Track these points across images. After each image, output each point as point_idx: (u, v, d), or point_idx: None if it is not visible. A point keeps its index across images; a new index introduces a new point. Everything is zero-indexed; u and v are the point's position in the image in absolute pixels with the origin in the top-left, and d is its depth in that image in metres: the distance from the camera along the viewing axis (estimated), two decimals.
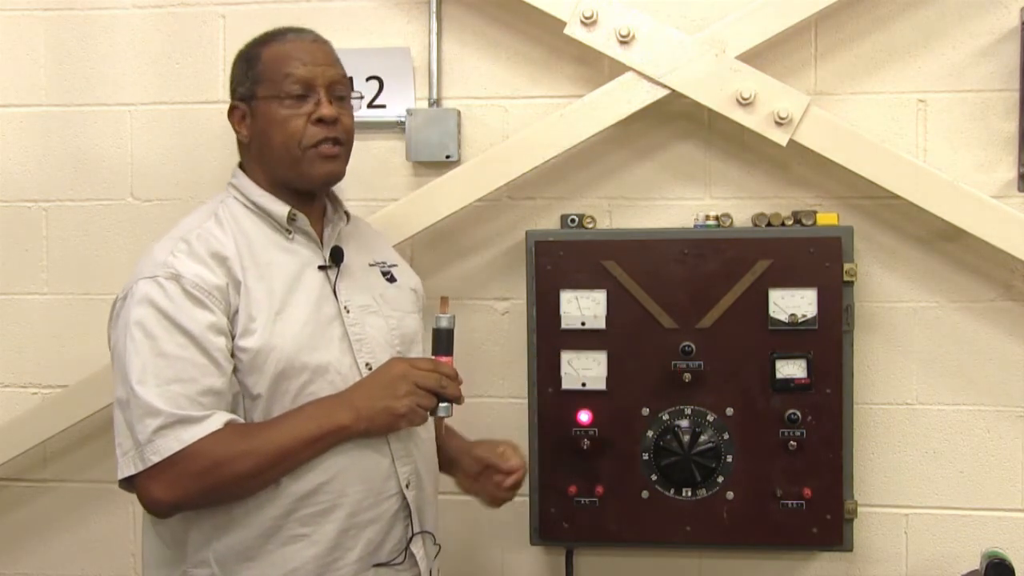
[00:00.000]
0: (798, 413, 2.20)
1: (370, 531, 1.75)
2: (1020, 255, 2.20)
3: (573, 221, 2.33)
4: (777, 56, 2.33)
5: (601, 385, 2.26)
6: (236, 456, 1.62)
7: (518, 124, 2.41)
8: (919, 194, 2.22)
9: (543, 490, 2.28)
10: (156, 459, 1.59)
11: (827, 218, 2.25)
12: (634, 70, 2.27)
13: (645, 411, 2.25)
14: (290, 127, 1.76)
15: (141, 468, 1.60)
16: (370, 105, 2.39)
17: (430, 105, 2.42)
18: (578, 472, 2.26)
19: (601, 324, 2.25)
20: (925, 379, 2.34)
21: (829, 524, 2.21)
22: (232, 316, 1.68)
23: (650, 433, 2.24)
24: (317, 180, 1.80)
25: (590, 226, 2.33)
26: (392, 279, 1.95)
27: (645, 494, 2.25)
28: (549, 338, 2.26)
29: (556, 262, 2.26)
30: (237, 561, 1.69)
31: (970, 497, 2.34)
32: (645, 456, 2.24)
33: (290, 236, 1.80)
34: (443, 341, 1.78)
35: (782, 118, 2.22)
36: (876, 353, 2.34)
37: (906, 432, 2.35)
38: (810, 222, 2.24)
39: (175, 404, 1.60)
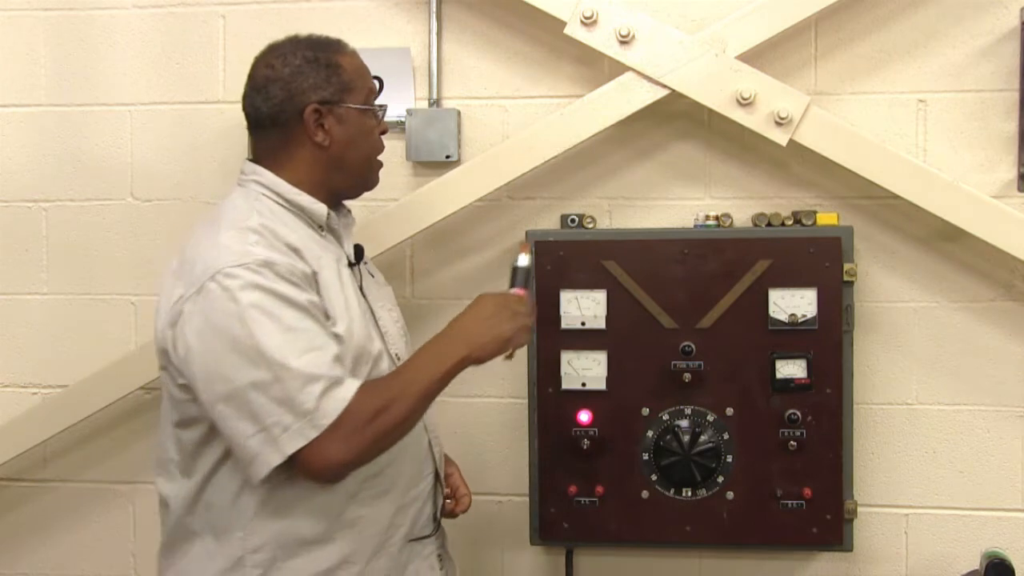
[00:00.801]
0: (798, 413, 2.21)
1: (413, 509, 1.83)
2: (1020, 255, 2.20)
3: (573, 221, 2.33)
4: (777, 56, 2.33)
5: (601, 385, 2.26)
6: (390, 404, 1.64)
7: (518, 124, 2.41)
8: (919, 194, 2.22)
9: (543, 490, 2.28)
10: (327, 422, 1.59)
11: (827, 218, 2.25)
12: (634, 70, 2.27)
13: (645, 411, 2.25)
14: (374, 137, 1.85)
15: (314, 436, 1.58)
16: None
17: (430, 105, 2.42)
18: (578, 472, 2.26)
19: (601, 324, 2.25)
20: (925, 379, 2.34)
21: (829, 524, 2.21)
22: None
23: (650, 433, 2.24)
24: (373, 185, 1.90)
25: (590, 226, 2.33)
26: (372, 274, 1.97)
27: (645, 494, 2.25)
28: (549, 338, 2.26)
29: (556, 262, 2.26)
30: (298, 545, 1.71)
31: (970, 497, 2.34)
32: (645, 456, 2.24)
33: (323, 234, 1.82)
34: (521, 278, 1.87)
35: (782, 118, 2.22)
36: (876, 353, 2.34)
37: (906, 432, 2.35)
38: (810, 222, 2.24)
39: (326, 368, 1.61)
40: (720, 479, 2.23)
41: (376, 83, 1.87)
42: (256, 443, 1.60)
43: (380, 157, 1.89)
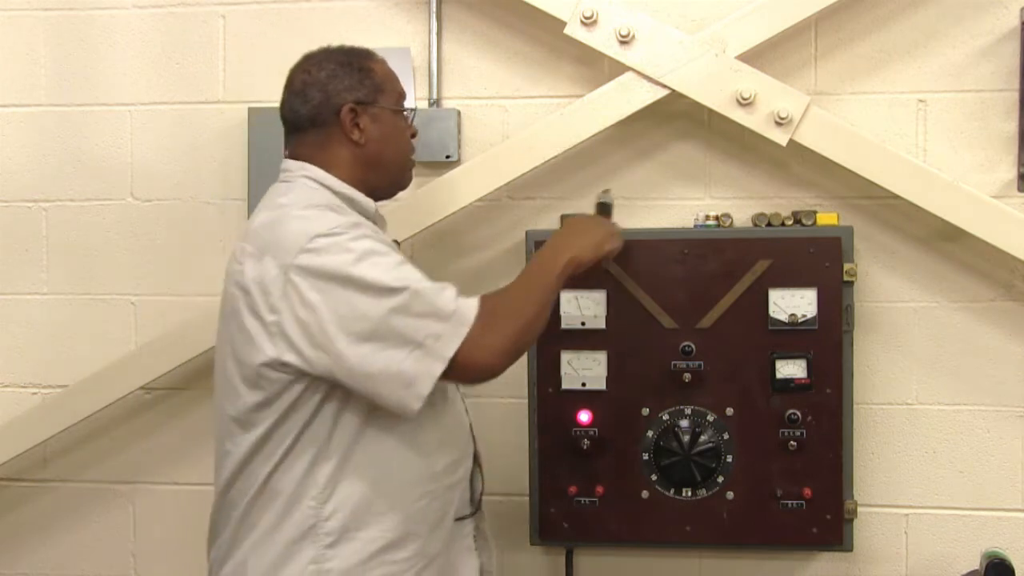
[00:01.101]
0: (798, 413, 2.21)
1: (460, 488, 1.89)
2: (1020, 255, 2.20)
3: None
4: (777, 56, 2.33)
5: (601, 385, 2.26)
6: (520, 304, 1.79)
7: (518, 124, 2.41)
8: (919, 194, 2.22)
9: (543, 490, 2.28)
10: (472, 315, 1.69)
11: (827, 218, 2.25)
12: (634, 70, 2.27)
13: (645, 411, 2.25)
14: (405, 138, 1.95)
15: (466, 332, 1.67)
16: None
17: (430, 105, 2.42)
18: (578, 472, 2.26)
19: (601, 324, 2.25)
20: (925, 379, 2.34)
21: (829, 524, 2.21)
22: None
23: (650, 433, 2.24)
24: (406, 185, 1.99)
25: None
26: None
27: (645, 494, 2.25)
28: (549, 338, 2.25)
29: None
30: (369, 515, 1.76)
31: (970, 497, 2.34)
32: (645, 456, 2.24)
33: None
34: (607, 212, 2.11)
35: (782, 118, 2.22)
36: (876, 353, 2.34)
37: (906, 432, 2.35)
38: (810, 222, 2.24)
39: (446, 284, 1.73)
40: (720, 479, 2.23)
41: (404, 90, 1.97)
42: (412, 363, 1.67)
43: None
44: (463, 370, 1.70)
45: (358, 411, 1.74)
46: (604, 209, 2.11)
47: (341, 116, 1.85)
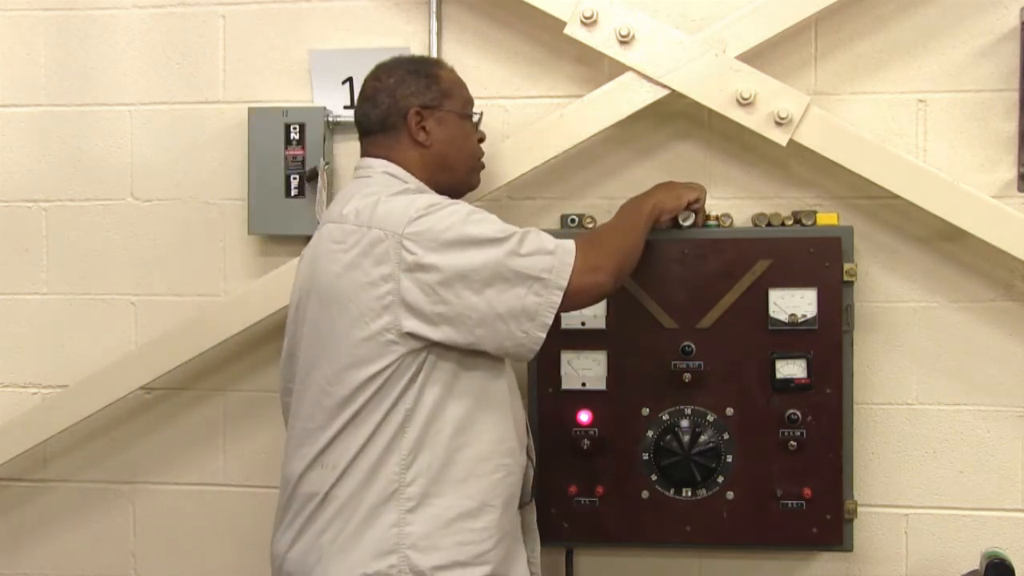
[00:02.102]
0: (798, 413, 2.20)
1: (519, 475, 1.97)
2: (1020, 255, 2.20)
3: (573, 221, 2.33)
4: (777, 56, 2.33)
5: (601, 385, 2.26)
6: (614, 233, 2.00)
7: (518, 124, 2.41)
8: (919, 194, 2.22)
9: (543, 490, 2.28)
10: (572, 244, 1.86)
11: (827, 218, 2.25)
12: (634, 70, 2.27)
13: (645, 411, 2.25)
14: (472, 141, 2.09)
15: (571, 260, 1.84)
16: None
17: None
18: (578, 472, 2.26)
19: (601, 324, 2.25)
20: (925, 379, 2.34)
21: (829, 524, 2.21)
22: None
23: (650, 433, 2.24)
24: (475, 186, 2.13)
25: (590, 226, 2.33)
26: None
27: (645, 494, 2.25)
28: (549, 338, 2.24)
29: None
30: (448, 484, 1.84)
31: (970, 497, 2.34)
32: (645, 456, 2.24)
33: None
34: None
35: (782, 118, 2.22)
36: (876, 353, 2.34)
37: (906, 432, 2.35)
38: (810, 222, 2.24)
39: None
40: (720, 479, 2.23)
41: (472, 100, 2.10)
42: (534, 297, 1.82)
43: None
44: (578, 295, 1.85)
45: (442, 380, 1.84)
46: None
47: (407, 119, 1.97)
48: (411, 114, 1.97)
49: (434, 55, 2.41)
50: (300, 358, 1.92)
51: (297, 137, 2.42)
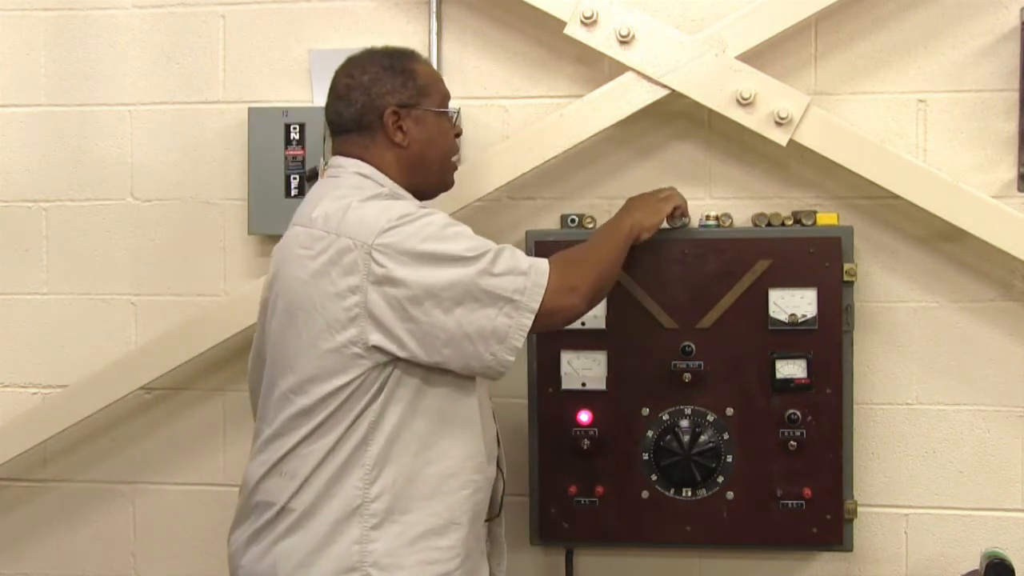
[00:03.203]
0: (798, 413, 2.21)
1: (487, 490, 1.94)
2: (1020, 255, 2.20)
3: (573, 221, 2.33)
4: (777, 56, 2.33)
5: (601, 385, 2.26)
6: (590, 253, 1.95)
7: (518, 124, 2.41)
8: (919, 194, 2.22)
9: (543, 490, 2.28)
10: (546, 265, 1.82)
11: (827, 218, 2.25)
12: (634, 70, 2.27)
13: (645, 411, 2.25)
14: (450, 139, 2.00)
15: (545, 280, 1.79)
16: None
17: None
18: (578, 472, 2.26)
19: (601, 324, 2.25)
20: (925, 379, 2.34)
21: (829, 524, 2.21)
22: None
23: (650, 433, 2.24)
24: (449, 187, 2.04)
25: (590, 226, 2.33)
26: None
27: (645, 494, 2.25)
28: (549, 338, 2.25)
29: None
30: (413, 499, 1.80)
31: (970, 497, 2.34)
32: (645, 456, 2.24)
33: None
34: None
35: (782, 118, 2.22)
36: (876, 353, 2.34)
37: (906, 432, 2.35)
38: (810, 222, 2.24)
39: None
40: (720, 479, 2.23)
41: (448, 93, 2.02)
42: (504, 319, 1.77)
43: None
44: (550, 315, 1.81)
45: (406, 397, 1.79)
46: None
47: (384, 119, 1.90)
48: (388, 114, 1.89)
49: (434, 55, 2.41)
50: (266, 361, 1.88)
51: (297, 137, 2.42)
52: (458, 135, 2.05)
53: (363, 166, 1.90)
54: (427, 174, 1.95)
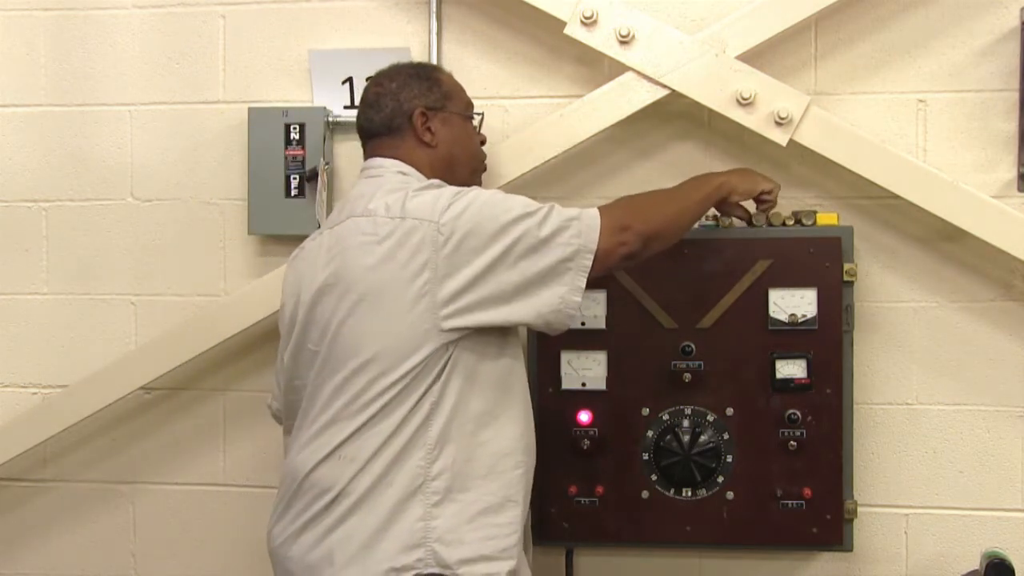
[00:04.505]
0: (798, 413, 2.20)
1: (532, 473, 1.97)
2: (1020, 255, 2.20)
3: None
4: (777, 56, 2.33)
5: (601, 385, 2.26)
6: (658, 203, 2.00)
7: (518, 124, 2.41)
8: (919, 194, 2.22)
9: (543, 490, 2.28)
10: (595, 211, 1.88)
11: (827, 218, 2.25)
12: (634, 70, 2.27)
13: (645, 411, 2.25)
14: (475, 142, 2.11)
15: (595, 224, 1.85)
16: None
17: None
18: (578, 472, 2.26)
19: (601, 324, 2.25)
20: (925, 379, 2.34)
21: (829, 524, 2.21)
22: None
23: (650, 433, 2.24)
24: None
25: None
26: None
27: (645, 494, 2.25)
28: (549, 338, 2.25)
29: None
30: (471, 478, 1.85)
31: (970, 497, 2.34)
32: (645, 456, 2.24)
33: None
34: None
35: (782, 118, 2.22)
36: (876, 353, 2.34)
37: (906, 432, 2.35)
38: (810, 222, 2.24)
39: None
40: (720, 479, 2.23)
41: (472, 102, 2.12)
42: (566, 263, 1.84)
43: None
44: (606, 256, 1.86)
45: (465, 373, 1.84)
46: None
47: (413, 119, 1.98)
48: (417, 115, 1.98)
49: (434, 55, 2.41)
50: (316, 352, 1.89)
51: (297, 137, 2.42)
52: (483, 142, 2.13)
53: (403, 165, 1.98)
54: (455, 174, 2.01)
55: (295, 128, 2.42)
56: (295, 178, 2.42)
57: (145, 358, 2.43)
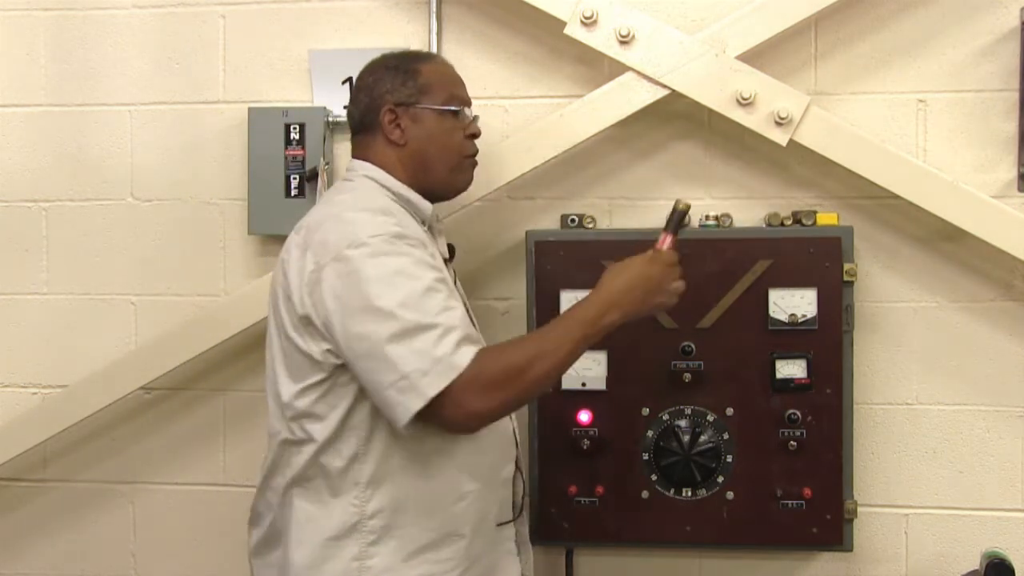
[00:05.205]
0: (798, 413, 2.20)
1: (501, 492, 1.92)
2: (1020, 255, 2.20)
3: (573, 221, 2.33)
4: (777, 56, 2.33)
5: (601, 385, 2.26)
6: (535, 358, 1.71)
7: (518, 124, 2.41)
8: (919, 194, 2.22)
9: (543, 490, 2.28)
10: (464, 362, 1.65)
11: (827, 218, 2.25)
12: (634, 70, 2.27)
13: (645, 411, 2.25)
14: (454, 138, 1.96)
15: (453, 376, 1.65)
16: None
17: None
18: (578, 472, 2.26)
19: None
20: (925, 379, 2.34)
21: (829, 524, 2.21)
22: None
23: (650, 433, 2.24)
24: (462, 187, 2.00)
25: (590, 226, 2.33)
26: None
27: (645, 494, 2.25)
28: None
29: (556, 262, 2.26)
30: (411, 514, 1.79)
31: (970, 497, 2.34)
32: (645, 456, 2.24)
33: (425, 228, 1.92)
34: (679, 222, 1.89)
35: (782, 118, 2.22)
36: (876, 353, 2.34)
37: (906, 432, 2.35)
38: (810, 222, 2.24)
39: (460, 323, 1.70)
40: (720, 479, 2.23)
41: (464, 92, 2.01)
42: (396, 392, 1.67)
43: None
44: (439, 418, 1.68)
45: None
46: (675, 220, 1.88)
47: (380, 117, 1.92)
48: (384, 112, 1.91)
49: None
50: (265, 362, 1.90)
51: (297, 137, 2.42)
52: (474, 136, 2.00)
53: (373, 169, 1.92)
54: (431, 173, 1.94)
55: (295, 128, 2.42)
56: (295, 178, 2.42)
57: (145, 358, 2.43)
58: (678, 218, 1.88)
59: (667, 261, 1.84)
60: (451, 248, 2.05)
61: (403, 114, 1.92)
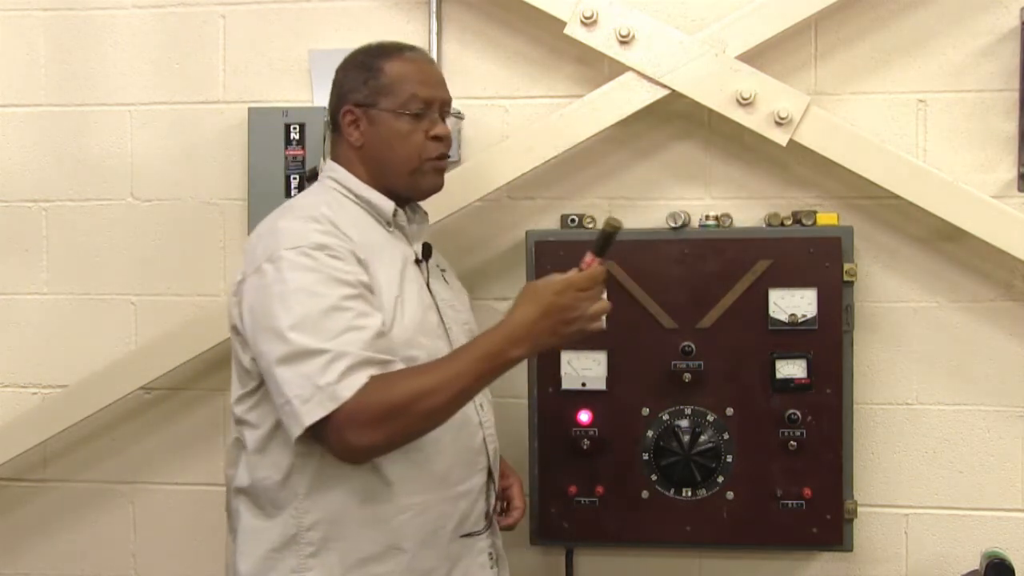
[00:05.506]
0: (798, 413, 2.21)
1: (463, 503, 1.85)
2: (1020, 255, 2.20)
3: (573, 221, 2.33)
4: (777, 56, 2.33)
5: (601, 385, 2.26)
6: (424, 394, 1.65)
7: (518, 124, 2.41)
8: (919, 194, 2.22)
9: (543, 490, 2.28)
10: (348, 394, 1.61)
11: (827, 218, 2.25)
12: (634, 70, 2.27)
13: (645, 411, 2.25)
14: (412, 141, 1.87)
15: (332, 407, 1.61)
16: None
17: None
18: (578, 472, 2.26)
19: (601, 324, 2.24)
20: (925, 379, 2.34)
21: (829, 524, 2.21)
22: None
23: (650, 433, 2.24)
24: (427, 191, 1.93)
25: (590, 226, 2.33)
26: (446, 281, 2.02)
27: (645, 494, 2.25)
28: None
29: (556, 262, 2.25)
30: (349, 527, 1.76)
31: (970, 497, 2.34)
32: (645, 456, 2.24)
33: (390, 229, 1.89)
34: (605, 243, 1.75)
35: (782, 118, 2.22)
36: (876, 353, 2.34)
37: (906, 432, 2.35)
38: (810, 222, 2.24)
39: (358, 348, 1.65)
40: (720, 479, 2.23)
41: (430, 92, 1.88)
42: (283, 414, 1.67)
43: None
44: (326, 444, 1.66)
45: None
46: (605, 241, 1.75)
47: (340, 118, 1.89)
48: (342, 112, 1.88)
49: (434, 55, 2.40)
50: None
51: (297, 137, 2.42)
52: (439, 137, 1.88)
53: (337, 170, 1.90)
54: (391, 176, 1.88)
55: (295, 128, 2.42)
56: (295, 178, 2.42)
57: (145, 358, 2.43)
58: (603, 239, 1.74)
59: (580, 286, 1.71)
60: (427, 247, 1.94)
61: (362, 115, 1.87)
